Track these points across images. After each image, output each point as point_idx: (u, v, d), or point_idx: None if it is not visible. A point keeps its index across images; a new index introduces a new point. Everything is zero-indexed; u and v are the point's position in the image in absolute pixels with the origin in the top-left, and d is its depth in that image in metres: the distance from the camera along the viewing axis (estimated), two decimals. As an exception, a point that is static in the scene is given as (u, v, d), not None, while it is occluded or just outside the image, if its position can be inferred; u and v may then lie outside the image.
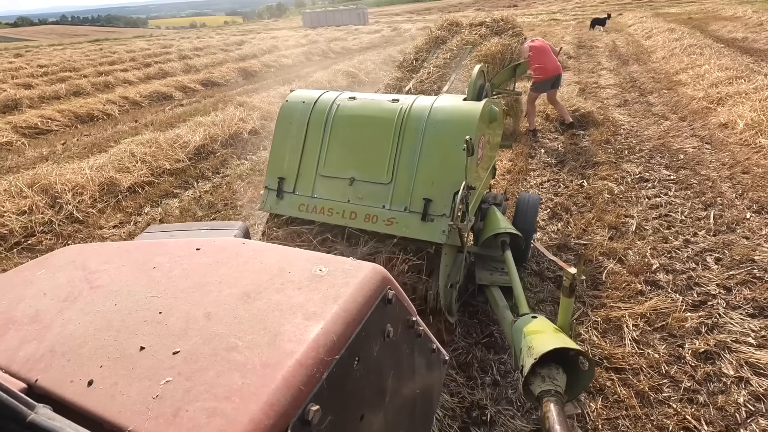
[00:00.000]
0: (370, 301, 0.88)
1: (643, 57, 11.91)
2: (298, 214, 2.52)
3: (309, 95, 2.70)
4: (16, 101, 11.15)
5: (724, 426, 2.10)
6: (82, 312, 0.93)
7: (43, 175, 4.87)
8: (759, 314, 2.76)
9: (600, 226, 3.87)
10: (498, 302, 2.42)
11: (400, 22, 33.73)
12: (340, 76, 10.92)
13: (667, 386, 2.33)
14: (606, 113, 7.15)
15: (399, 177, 2.36)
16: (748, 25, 15.29)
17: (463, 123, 2.30)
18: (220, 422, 0.65)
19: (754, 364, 2.41)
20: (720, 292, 2.98)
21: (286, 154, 2.60)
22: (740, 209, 3.99)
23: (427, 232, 2.25)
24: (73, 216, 4.56)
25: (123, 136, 7.73)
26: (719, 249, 3.45)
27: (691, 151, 5.37)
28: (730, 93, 7.00)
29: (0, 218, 4.23)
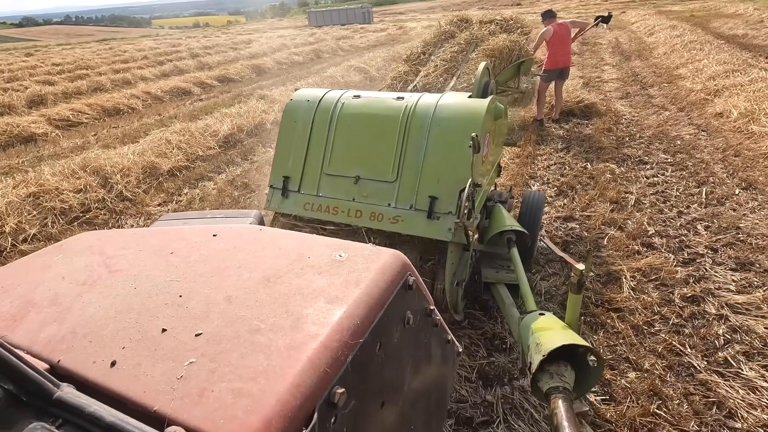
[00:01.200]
0: (392, 287, 0.88)
1: (645, 53, 12.29)
2: (303, 213, 2.52)
3: (313, 94, 2.70)
4: (41, 96, 11.64)
5: (705, 350, 2.53)
6: (101, 295, 0.93)
7: (93, 159, 5.34)
8: (740, 269, 3.18)
9: (602, 201, 4.30)
10: (504, 300, 2.41)
11: (404, 21, 34.11)
12: (352, 71, 11.36)
13: (658, 322, 2.76)
14: (608, 105, 7.56)
15: (404, 175, 2.36)
16: (749, 22, 15.61)
17: (469, 120, 2.30)
18: (247, 402, 0.65)
19: (733, 305, 2.83)
20: (707, 252, 3.40)
21: (291, 152, 2.59)
22: (730, 186, 4.41)
23: (432, 230, 2.25)
24: (123, 195, 5.02)
25: (149, 128, 8.18)
26: (708, 218, 3.87)
27: (688, 138, 5.78)
28: (726, 85, 7.40)
29: (60, 195, 4.68)
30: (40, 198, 4.59)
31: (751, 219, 3.79)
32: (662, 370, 2.41)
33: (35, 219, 4.39)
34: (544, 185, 4.82)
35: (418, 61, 4.66)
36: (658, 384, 2.32)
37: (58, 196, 4.66)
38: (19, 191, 4.59)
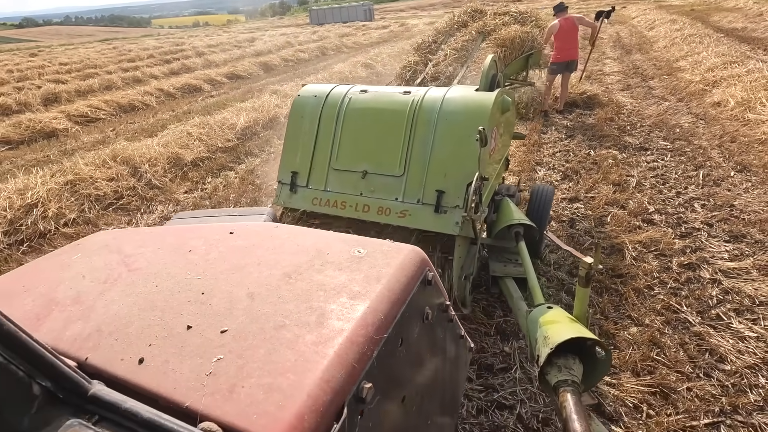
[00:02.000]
0: (412, 282, 0.88)
1: (646, 47, 12.52)
2: (311, 207, 2.54)
3: (320, 89, 2.70)
4: (55, 95, 11.94)
5: (699, 308, 2.81)
6: (123, 293, 0.93)
7: (121, 150, 5.63)
8: (733, 240, 3.46)
9: (605, 184, 4.58)
10: (512, 293, 2.42)
11: (406, 18, 34.30)
12: (359, 67, 11.63)
13: (657, 286, 3.04)
14: (610, 96, 7.83)
15: (411, 169, 2.36)
16: (748, 15, 15.82)
17: (476, 114, 2.30)
18: (278, 397, 0.65)
19: (725, 270, 3.12)
20: (703, 227, 3.68)
21: (299, 148, 2.60)
22: (726, 169, 4.68)
23: (440, 224, 2.26)
24: (151, 183, 5.31)
25: (165, 123, 8.48)
26: (705, 198, 4.15)
27: (687, 126, 6.05)
28: (724, 76, 7.65)
29: (94, 183, 4.98)
30: (77, 186, 4.89)
31: (745, 198, 4.06)
32: (660, 324, 2.70)
33: (74, 205, 4.68)
34: (550, 170, 5.10)
35: (429, 50, 4.64)
36: (657, 336, 2.60)
37: (93, 184, 4.96)
38: (57, 180, 4.89)
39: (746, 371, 2.34)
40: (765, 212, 3.76)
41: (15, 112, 10.00)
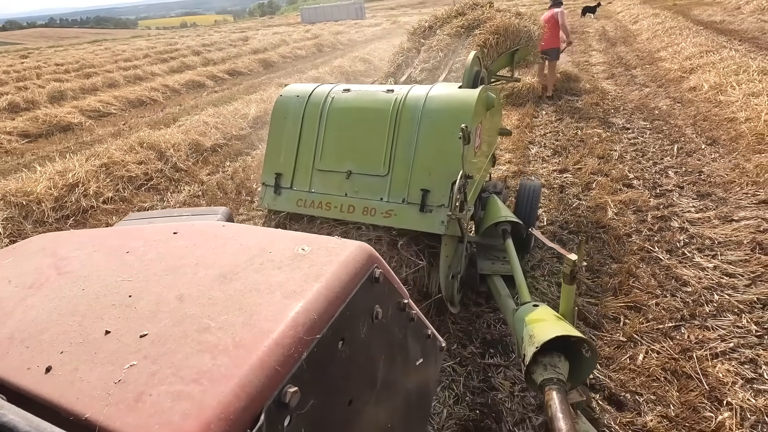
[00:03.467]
0: (355, 279, 0.84)
1: (630, 39, 13.16)
2: (296, 209, 2.52)
3: (303, 89, 2.67)
4: (61, 93, 12.26)
5: (669, 248, 3.35)
6: (47, 298, 0.88)
7: (146, 137, 6.06)
8: (700, 198, 4.01)
9: (591, 157, 5.12)
10: (500, 291, 2.43)
11: (397, 16, 34.78)
12: (357, 62, 12.12)
13: (634, 233, 3.58)
14: (596, 84, 8.40)
15: (396, 168, 2.35)
16: (727, 9, 16.55)
17: (459, 111, 2.30)
18: (186, 406, 0.61)
19: (692, 220, 3.67)
20: (675, 189, 4.23)
21: (282, 149, 2.57)
22: (698, 143, 5.25)
23: (425, 224, 2.25)
24: (177, 166, 5.76)
25: (174, 116, 8.89)
26: (678, 166, 4.71)
27: (665, 108, 6.62)
28: (700, 64, 8.26)
29: (126, 166, 5.41)
30: (110, 168, 5.32)
31: (713, 166, 4.62)
32: (636, 261, 3.23)
33: (110, 185, 5.13)
34: (542, 148, 5.63)
35: (424, 34, 4.64)
36: (633, 269, 3.14)
37: (125, 167, 5.40)
38: (93, 163, 5.32)
39: (704, 291, 2.88)
40: (728, 176, 4.32)
41: (24, 110, 10.34)
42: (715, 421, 2.05)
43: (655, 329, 2.62)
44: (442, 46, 4.24)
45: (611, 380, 2.32)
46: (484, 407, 2.24)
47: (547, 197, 4.34)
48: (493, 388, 2.35)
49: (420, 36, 4.60)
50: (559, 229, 3.75)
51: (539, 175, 4.83)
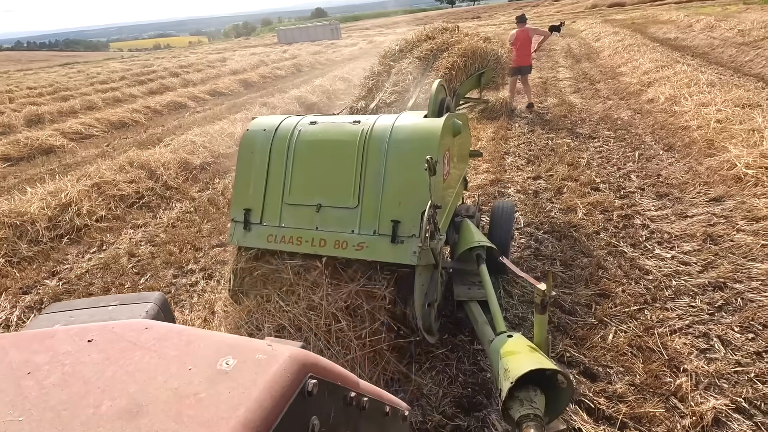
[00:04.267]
0: (284, 399, 0.75)
1: (593, 56, 14.00)
2: (266, 245, 2.47)
3: (270, 122, 2.66)
4: (38, 116, 12.19)
5: (632, 243, 3.72)
6: None
7: (135, 156, 6.19)
8: (659, 198, 4.43)
9: (561, 165, 5.53)
10: (477, 318, 2.39)
11: (372, 36, 35.69)
12: (337, 81, 12.51)
13: (602, 231, 3.94)
14: (563, 98, 8.97)
15: (366, 200, 2.33)
16: (680, 27, 17.80)
17: (424, 141, 2.31)
18: None
19: (652, 218, 4.06)
20: (637, 191, 4.65)
21: (251, 184, 2.54)
22: (656, 149, 5.74)
23: (397, 255, 2.23)
24: (168, 184, 5.90)
25: (159, 136, 9.01)
26: (639, 170, 5.15)
27: (626, 119, 7.17)
28: (656, 78, 8.94)
29: (117, 185, 5.53)
30: (102, 187, 5.43)
31: (669, 169, 5.08)
32: (604, 255, 3.58)
33: (102, 204, 5.23)
34: (516, 157, 6.03)
35: (394, 58, 4.75)
36: (602, 262, 3.48)
37: (116, 186, 5.51)
38: (84, 183, 5.41)
39: (663, 278, 3.23)
40: (683, 178, 4.77)
41: (0, 134, 10.26)
42: (674, 385, 2.36)
43: (622, 312, 2.94)
44: (412, 69, 4.31)
45: (585, 357, 2.61)
46: (475, 386, 2.49)
47: (523, 202, 4.70)
48: (482, 369, 2.60)
49: (390, 59, 4.66)
50: (535, 230, 4.08)
51: (515, 182, 5.20)
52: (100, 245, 4.66)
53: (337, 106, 9.71)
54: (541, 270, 3.48)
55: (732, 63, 10.60)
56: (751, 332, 2.67)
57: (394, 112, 3.73)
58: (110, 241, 4.72)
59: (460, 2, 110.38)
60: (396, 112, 3.64)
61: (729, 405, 2.23)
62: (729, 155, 4.89)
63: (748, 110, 6.00)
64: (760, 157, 4.63)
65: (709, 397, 2.28)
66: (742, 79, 8.62)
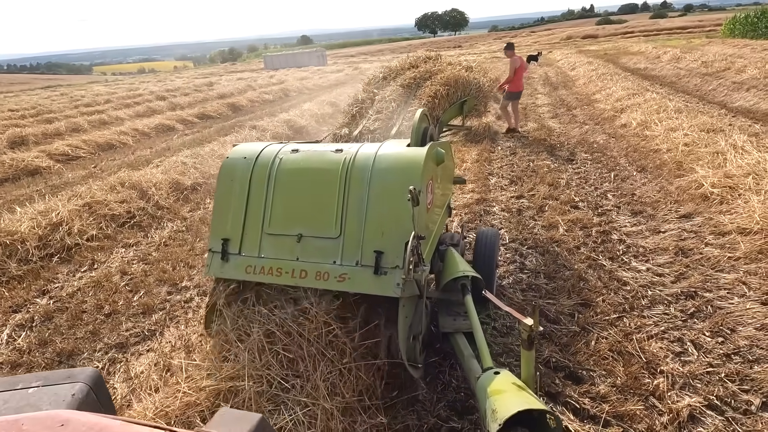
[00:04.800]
0: None
1: (569, 84, 14.71)
2: (245, 276, 2.40)
3: (251, 150, 2.61)
4: (22, 138, 12.09)
5: (610, 257, 3.94)
6: None
7: (127, 177, 6.24)
8: (634, 215, 4.71)
9: (542, 185, 5.81)
10: (463, 351, 2.31)
11: (357, 63, 36.62)
12: (325, 105, 12.82)
13: (582, 246, 4.16)
14: (542, 123, 9.41)
15: (348, 230, 2.28)
16: (649, 58, 18.87)
17: (408, 171, 2.29)
18: None
19: (628, 233, 4.31)
20: (614, 209, 4.93)
21: (230, 213, 2.48)
22: (630, 171, 6.08)
23: (380, 287, 2.16)
24: (159, 204, 5.95)
25: (148, 158, 9.06)
26: (615, 190, 5.45)
27: (602, 142, 7.57)
28: (629, 105, 9.48)
29: (108, 205, 5.56)
30: (93, 207, 5.45)
31: (643, 189, 5.40)
32: (585, 268, 3.78)
33: (93, 223, 5.24)
34: (500, 178, 6.29)
35: (378, 85, 4.83)
36: (583, 274, 3.68)
37: (107, 206, 5.54)
38: (76, 202, 5.43)
39: (640, 288, 3.44)
40: (655, 197, 5.08)
41: (-18, 156, 10.14)
42: (652, 385, 2.52)
43: (602, 320, 3.12)
44: (395, 96, 4.33)
45: (569, 361, 2.76)
46: (467, 390, 2.60)
47: (507, 219, 4.91)
48: (473, 376, 2.72)
49: (374, 86, 4.73)
50: (520, 245, 4.28)
51: (499, 201, 5.43)
52: (91, 264, 4.66)
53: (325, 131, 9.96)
54: (527, 291, 3.66)
55: (697, 91, 11.30)
56: (721, 336, 2.87)
57: (378, 138, 3.77)
58: (101, 260, 4.73)
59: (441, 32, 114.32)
60: (380, 138, 3.71)
61: (702, 402, 2.39)
62: (696, 176, 5.23)
63: (712, 134, 6.43)
64: (724, 177, 4.97)
65: (685, 396, 2.44)
66: (707, 107, 9.22)
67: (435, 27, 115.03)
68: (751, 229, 3.95)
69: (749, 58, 14.05)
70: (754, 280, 3.37)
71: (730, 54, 15.78)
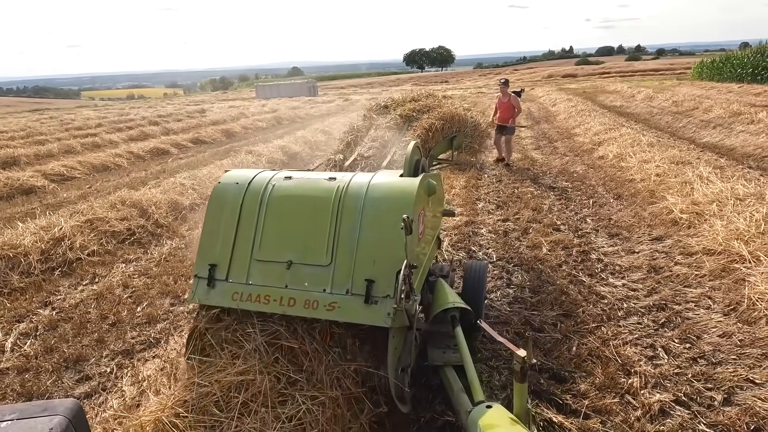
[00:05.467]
0: None
1: (550, 119, 15.51)
2: (231, 304, 2.35)
3: (243, 176, 2.61)
4: (14, 158, 12.15)
5: (589, 273, 4.25)
6: None
7: (127, 196, 6.42)
8: (610, 237, 5.07)
9: (527, 209, 6.18)
10: (452, 385, 2.26)
11: (348, 94, 37.68)
12: (318, 133, 13.25)
13: (564, 264, 4.48)
14: (526, 154, 9.94)
15: (339, 258, 2.27)
16: (625, 96, 20.04)
17: (400, 200, 2.30)
18: None
19: (606, 253, 4.65)
20: (593, 231, 5.29)
21: (219, 238, 2.45)
22: (606, 198, 6.51)
23: (371, 316, 2.15)
24: (158, 222, 6.12)
25: (143, 180, 9.24)
26: (593, 215, 5.85)
27: (581, 172, 8.06)
28: (605, 138, 10.10)
29: (109, 222, 5.71)
30: (94, 224, 5.59)
31: (619, 214, 5.80)
32: (566, 283, 4.08)
33: (94, 239, 5.38)
34: (487, 203, 6.66)
35: (378, 111, 5.17)
36: (564, 289, 3.97)
37: (107, 223, 5.69)
38: (77, 219, 5.57)
39: (616, 301, 3.74)
40: (630, 221, 5.48)
41: (-26, 175, 10.17)
42: (627, 384, 2.77)
43: (582, 329, 3.39)
44: (392, 125, 4.59)
45: (553, 364, 3.00)
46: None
47: (494, 240, 5.23)
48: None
49: (375, 112, 5.06)
50: (506, 263, 4.58)
51: (486, 224, 5.76)
52: (93, 278, 4.78)
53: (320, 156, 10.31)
54: (514, 304, 3.93)
55: (669, 128, 12.09)
56: (688, 342, 3.16)
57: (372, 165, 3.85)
58: (102, 274, 4.85)
59: (429, 68, 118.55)
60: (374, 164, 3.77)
61: (671, 398, 2.65)
62: (667, 203, 5.67)
63: (681, 166, 6.96)
64: (691, 204, 5.41)
65: (656, 393, 2.70)
66: (677, 142, 9.89)
67: (423, 62, 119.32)
68: (715, 250, 4.33)
69: (715, 99, 15.11)
70: (717, 294, 3.71)
71: (698, 95, 16.93)
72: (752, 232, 4.36)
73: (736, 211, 4.87)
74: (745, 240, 4.29)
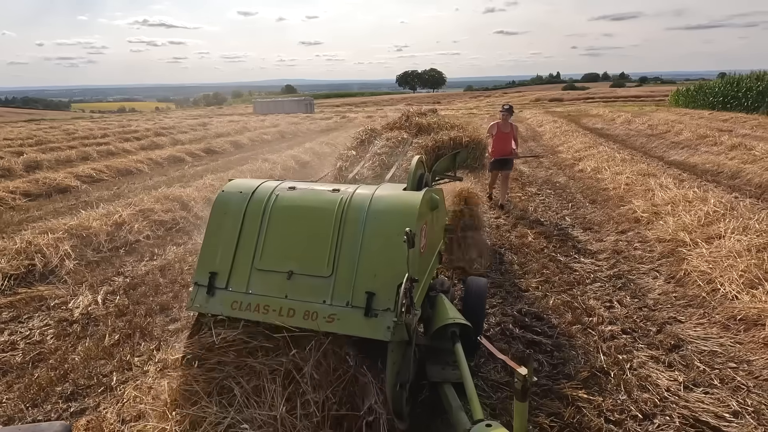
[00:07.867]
0: None
1: (537, 137, 16.82)
2: (230, 312, 2.34)
3: (247, 185, 2.61)
4: (37, 162, 12.94)
5: (566, 254, 5.28)
6: None
7: (168, 192, 7.33)
8: (584, 231, 6.14)
9: (515, 210, 7.23)
10: (451, 403, 2.20)
11: (344, 112, 38.96)
12: (324, 145, 14.29)
13: (545, 248, 5.50)
14: (515, 167, 11.08)
15: (340, 270, 2.26)
16: (606, 120, 21.57)
17: (404, 214, 2.30)
18: None
19: (580, 241, 5.70)
20: (570, 226, 6.36)
21: (220, 246, 2.45)
22: (583, 202, 7.61)
23: (370, 329, 2.13)
24: (198, 215, 7.02)
25: (167, 182, 10.12)
26: (571, 215, 6.93)
27: (563, 182, 9.20)
28: (585, 155, 11.32)
29: (156, 213, 6.61)
30: (145, 213, 6.49)
31: (593, 215, 6.89)
32: (547, 261, 5.10)
33: (147, 226, 6.27)
34: (481, 205, 7.70)
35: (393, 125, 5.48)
36: (545, 264, 4.99)
37: (156, 213, 6.59)
38: (131, 209, 6.46)
39: (585, 273, 4.76)
40: (601, 220, 6.56)
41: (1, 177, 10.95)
42: (589, 321, 3.76)
43: (558, 289, 4.39)
44: (398, 140, 4.62)
45: (535, 311, 3.99)
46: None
47: (489, 231, 6.25)
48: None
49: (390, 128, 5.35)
50: (498, 248, 5.59)
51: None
52: (152, 256, 5.66)
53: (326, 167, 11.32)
54: (505, 274, 4.93)
55: (642, 148, 13.41)
56: (636, 298, 4.18)
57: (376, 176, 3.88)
58: (159, 254, 5.73)
59: (420, 89, 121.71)
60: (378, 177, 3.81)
61: (619, 329, 3.65)
62: (632, 206, 6.77)
63: (646, 177, 8.12)
64: (651, 206, 6.52)
65: (609, 327, 3.69)
66: (647, 159, 11.15)
67: (415, 84, 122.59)
68: (665, 238, 5.41)
69: (686, 124, 16.59)
70: (663, 268, 4.76)
71: (672, 120, 18.45)
72: (694, 225, 5.46)
73: (685, 210, 5.98)
74: (689, 231, 5.38)
